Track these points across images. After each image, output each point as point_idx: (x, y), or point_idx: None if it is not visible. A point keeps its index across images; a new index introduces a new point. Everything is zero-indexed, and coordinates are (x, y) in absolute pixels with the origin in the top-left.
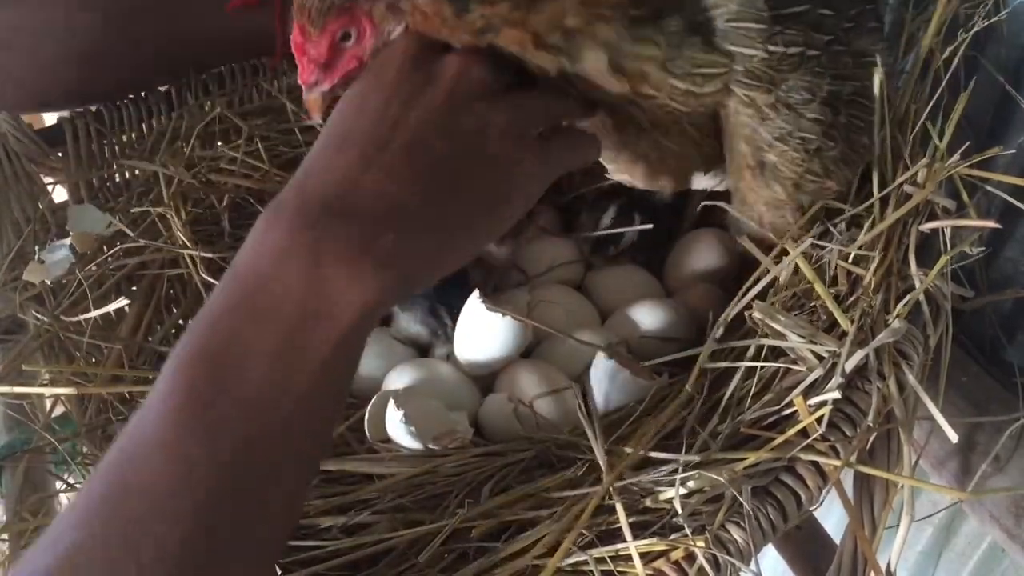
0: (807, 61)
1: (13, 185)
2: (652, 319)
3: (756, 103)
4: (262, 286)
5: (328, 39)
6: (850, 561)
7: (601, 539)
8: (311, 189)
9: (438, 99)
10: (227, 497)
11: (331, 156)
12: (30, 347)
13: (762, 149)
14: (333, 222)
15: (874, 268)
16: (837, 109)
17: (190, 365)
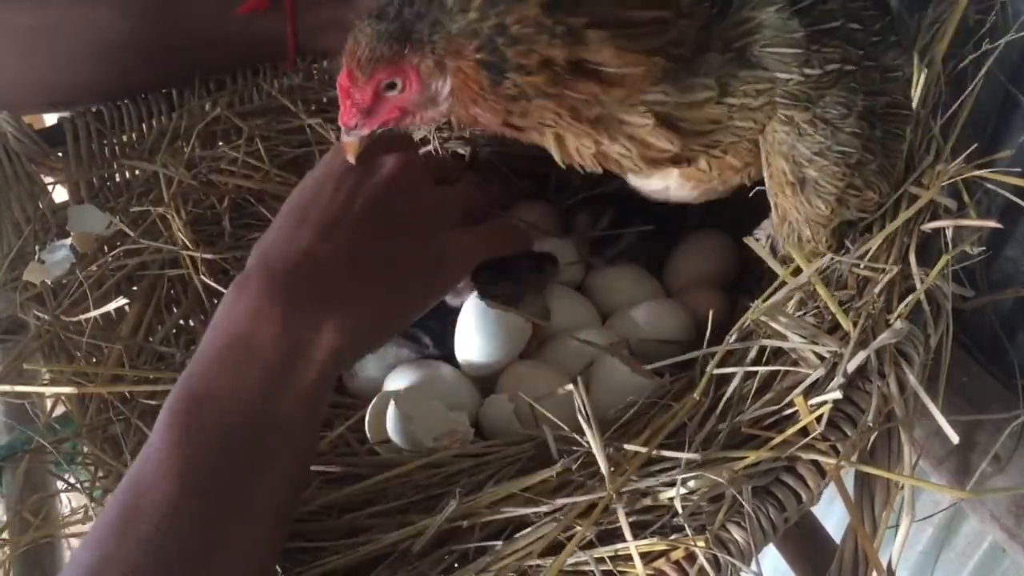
0: (844, 76)
1: (13, 185)
2: (652, 320)
3: (794, 120)
4: (242, 341)
5: (373, 87)
6: (851, 561)
7: (601, 539)
8: (275, 259)
9: (378, 188)
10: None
11: (291, 231)
12: (31, 347)
13: (802, 165)
14: (298, 284)
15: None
16: (873, 123)
17: (185, 402)
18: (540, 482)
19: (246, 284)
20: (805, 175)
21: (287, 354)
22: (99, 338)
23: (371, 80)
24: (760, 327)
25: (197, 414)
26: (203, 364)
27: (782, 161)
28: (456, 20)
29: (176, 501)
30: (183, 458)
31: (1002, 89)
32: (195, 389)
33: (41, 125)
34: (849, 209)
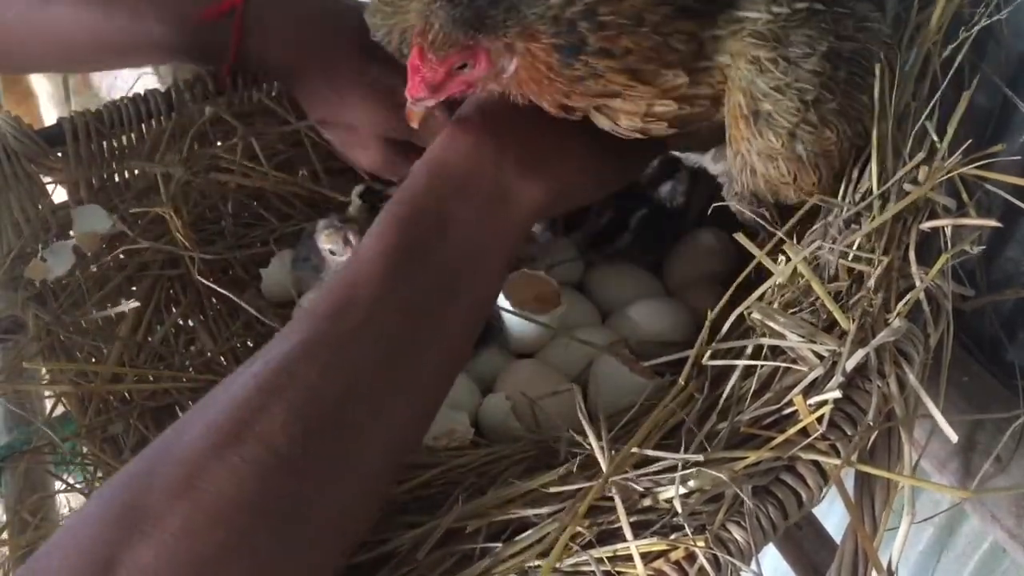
0: (813, 16)
1: (13, 185)
2: (652, 319)
3: (759, 59)
4: (460, 173)
5: (446, 68)
6: (851, 560)
7: (601, 539)
8: (498, 117)
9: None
10: (421, 313)
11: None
12: (31, 347)
13: (758, 99)
14: (520, 136)
15: (881, 267)
16: (837, 65)
17: (404, 222)
18: (541, 483)
19: (467, 124)
20: (759, 108)
21: (500, 194)
22: (99, 338)
23: (444, 62)
24: (758, 327)
25: (409, 230)
26: (416, 189)
27: (739, 95)
28: (534, 6)
29: (383, 300)
30: (392, 266)
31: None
32: (415, 207)
33: (41, 125)
34: (804, 145)
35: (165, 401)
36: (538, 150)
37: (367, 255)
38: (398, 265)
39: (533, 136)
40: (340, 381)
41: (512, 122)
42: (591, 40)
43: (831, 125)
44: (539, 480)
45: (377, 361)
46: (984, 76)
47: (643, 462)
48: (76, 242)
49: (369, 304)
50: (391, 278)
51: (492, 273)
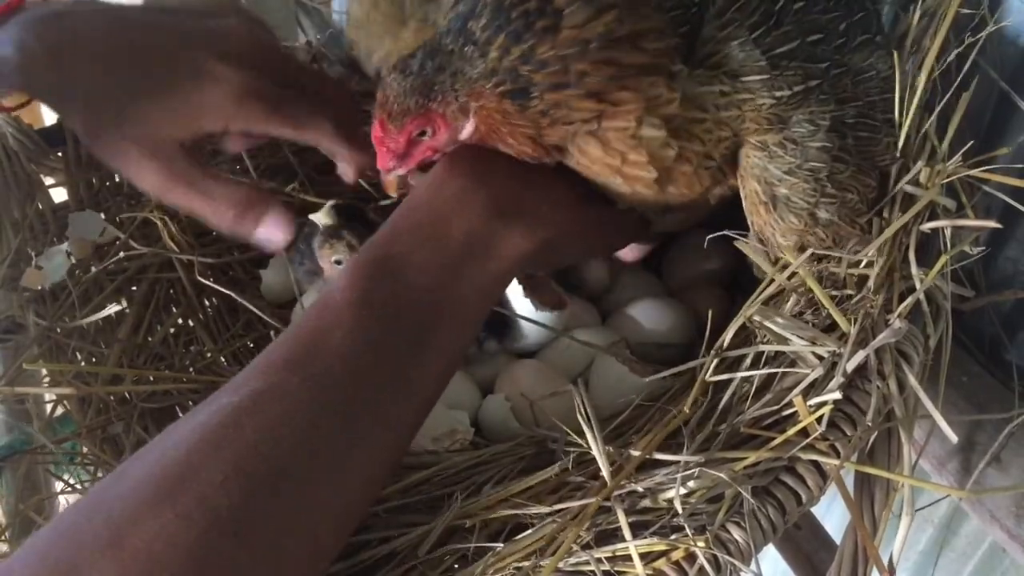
0: (810, 93)
1: (13, 185)
2: (652, 319)
3: (767, 144)
4: (441, 220)
5: (406, 136)
6: (850, 560)
7: (601, 539)
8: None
9: None
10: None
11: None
12: (31, 348)
13: (773, 185)
14: (509, 185)
15: (878, 270)
16: (843, 133)
17: (368, 267)
18: (540, 482)
19: (455, 170)
20: (776, 193)
21: (480, 243)
22: (98, 339)
23: (403, 131)
24: (758, 329)
25: (378, 276)
26: (394, 234)
27: (754, 183)
28: (476, 65)
29: (348, 351)
30: (360, 317)
31: (999, 90)
32: (382, 252)
33: (41, 125)
34: (827, 214)
35: (165, 402)
36: (526, 198)
37: (334, 304)
38: (366, 316)
39: (522, 183)
40: (291, 437)
41: (502, 168)
42: (537, 79)
43: (850, 188)
44: (537, 477)
45: (335, 414)
46: (982, 75)
47: (644, 463)
48: (69, 248)
49: (331, 356)
50: (357, 329)
51: (467, 324)
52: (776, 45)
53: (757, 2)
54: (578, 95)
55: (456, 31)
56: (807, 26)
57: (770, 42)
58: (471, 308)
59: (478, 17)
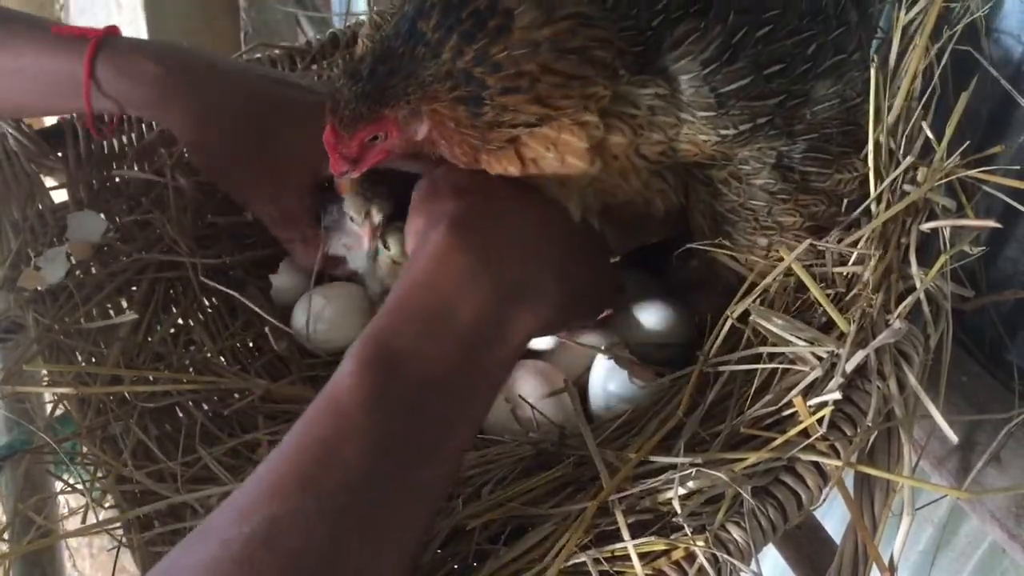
0: (758, 130)
1: (13, 186)
2: (652, 319)
3: (712, 180)
4: (447, 306)
5: (358, 141)
6: (851, 560)
7: (601, 539)
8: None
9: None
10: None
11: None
12: (31, 349)
13: (718, 221)
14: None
15: (872, 265)
16: (790, 169)
17: (377, 359)
18: (541, 484)
19: (457, 241)
20: (719, 228)
21: (489, 329)
22: (98, 339)
23: (355, 137)
24: (757, 330)
25: (388, 373)
26: (400, 319)
27: (699, 217)
28: (429, 67)
29: (364, 463)
30: (372, 422)
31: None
32: (389, 345)
33: (41, 125)
34: (768, 240)
35: (165, 402)
36: (531, 271)
37: (343, 408)
38: (378, 421)
39: (526, 253)
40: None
41: (505, 236)
42: (491, 82)
43: (792, 213)
44: (538, 480)
45: (356, 530)
46: (982, 73)
47: (644, 463)
48: (69, 250)
49: (346, 470)
50: (370, 436)
51: (480, 411)
52: (726, 83)
53: (716, 33)
54: (526, 100)
55: (405, 33)
56: (766, 57)
57: (720, 79)
58: (483, 397)
59: (427, 17)
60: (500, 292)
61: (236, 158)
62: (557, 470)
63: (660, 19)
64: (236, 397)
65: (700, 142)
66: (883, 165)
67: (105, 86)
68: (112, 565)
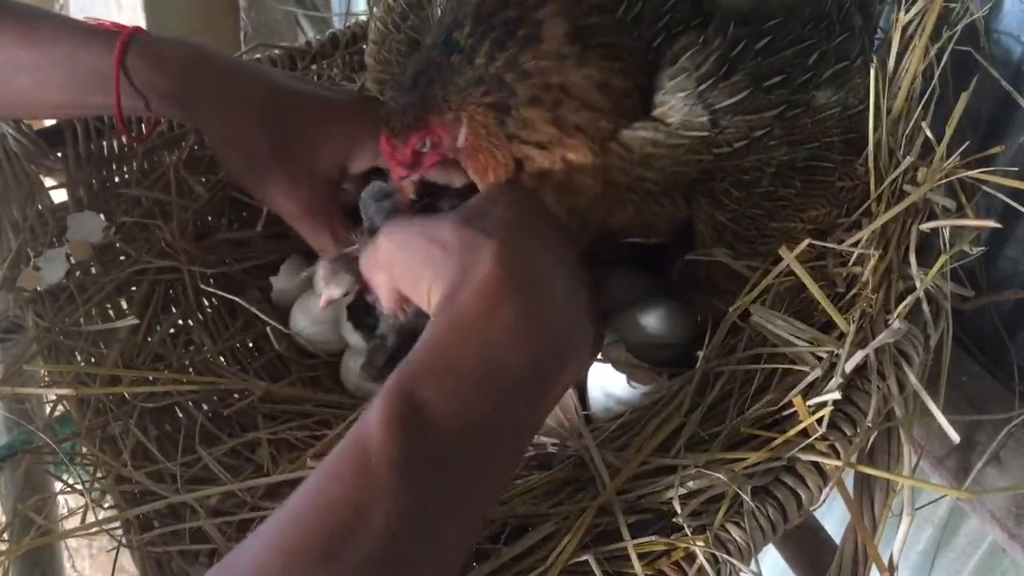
0: (756, 143)
1: (13, 186)
2: (652, 319)
3: (713, 191)
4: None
5: (410, 149)
6: (850, 560)
7: (601, 539)
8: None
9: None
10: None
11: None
12: (30, 349)
13: (719, 230)
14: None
15: (872, 265)
16: (788, 180)
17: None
18: (540, 483)
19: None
20: (721, 238)
21: (533, 386)
22: (98, 340)
23: (407, 144)
24: (758, 330)
25: (423, 429)
26: (439, 369)
27: (701, 226)
28: (464, 73)
29: (393, 531)
30: (402, 484)
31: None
32: (425, 398)
33: (40, 125)
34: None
35: (164, 402)
36: (576, 320)
37: (370, 466)
38: (408, 483)
39: (574, 300)
40: None
41: (552, 278)
42: (520, 90)
43: (793, 219)
44: (538, 480)
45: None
46: (982, 74)
47: (644, 464)
48: (69, 251)
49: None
50: (400, 502)
51: (512, 468)
52: (723, 97)
53: (715, 47)
54: (546, 119)
55: (442, 44)
56: (767, 69)
57: (717, 94)
58: (519, 451)
59: (461, 27)
60: (548, 342)
61: (262, 152)
62: (557, 470)
63: (662, 38)
64: (236, 397)
65: (694, 161)
66: (883, 166)
67: (134, 77)
68: (112, 565)
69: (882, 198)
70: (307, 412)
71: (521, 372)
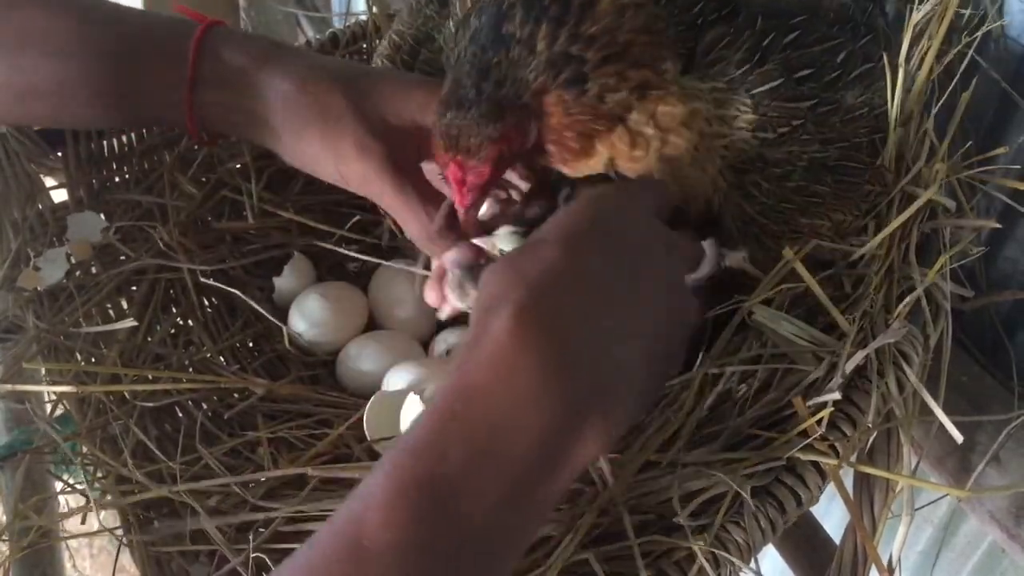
0: (792, 132)
1: (13, 186)
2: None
3: (743, 182)
4: (505, 424)
5: (490, 163)
6: (850, 560)
7: (601, 539)
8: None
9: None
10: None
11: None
12: (30, 349)
13: (747, 223)
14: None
15: (876, 269)
16: (820, 176)
17: (412, 497)
18: None
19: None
20: (748, 231)
21: (550, 461)
22: (98, 340)
23: (486, 160)
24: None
25: (428, 509)
26: (447, 438)
27: (730, 220)
28: (529, 63)
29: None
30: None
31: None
32: (430, 472)
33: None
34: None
35: (164, 401)
36: (608, 376)
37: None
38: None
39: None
40: None
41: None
42: (590, 56)
43: (823, 216)
44: None
45: None
46: (981, 74)
47: (645, 464)
48: (69, 250)
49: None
50: None
51: (523, 547)
52: (759, 83)
53: (745, 37)
54: (627, 65)
55: (492, 43)
56: (795, 62)
57: (754, 80)
58: (532, 531)
59: (510, 18)
60: (570, 410)
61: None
62: None
63: (695, 27)
64: (236, 397)
65: (740, 145)
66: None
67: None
68: (112, 565)
69: (894, 200)
70: (307, 412)
71: (536, 446)
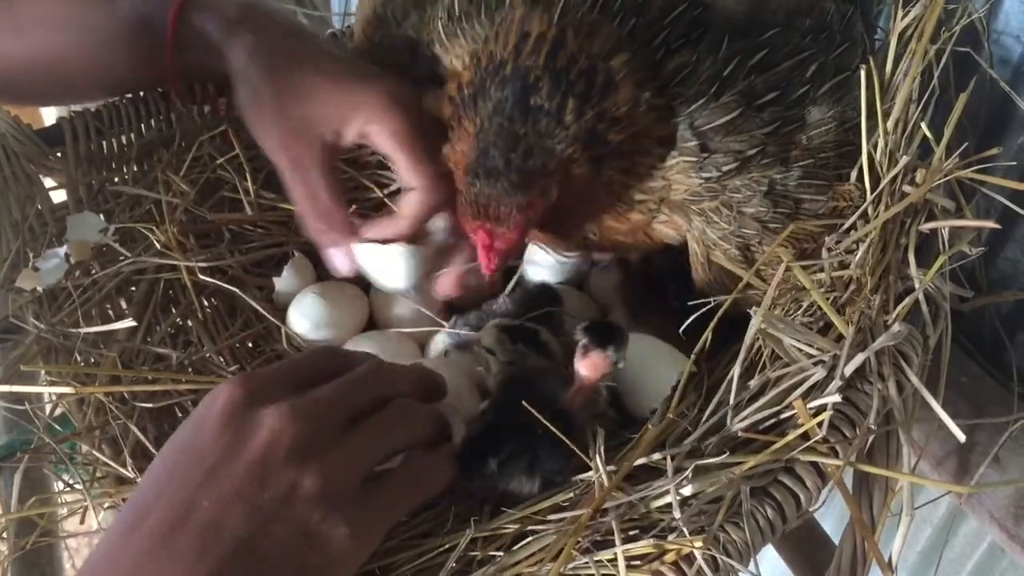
0: (747, 162)
1: (12, 186)
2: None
3: (705, 211)
4: None
5: (519, 229)
6: (849, 560)
7: (599, 543)
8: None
9: (241, 470)
10: None
11: (122, 540)
12: (30, 349)
13: (709, 248)
14: None
15: (871, 266)
16: (778, 200)
17: None
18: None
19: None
20: (710, 256)
21: None
22: (98, 340)
23: (516, 228)
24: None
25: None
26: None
27: (694, 244)
28: (557, 135)
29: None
30: None
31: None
32: None
33: (40, 125)
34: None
35: (164, 402)
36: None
37: None
38: None
39: None
40: None
41: None
42: (612, 137)
43: (783, 244)
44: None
45: None
46: (981, 75)
47: (646, 467)
48: (68, 250)
49: None
50: None
51: None
52: (711, 119)
53: (705, 67)
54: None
55: (519, 115)
56: (761, 86)
57: (706, 115)
58: None
59: (537, 91)
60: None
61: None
62: None
63: (662, 54)
64: None
65: (685, 182)
66: (880, 166)
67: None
68: None
69: (881, 198)
70: None
71: None
